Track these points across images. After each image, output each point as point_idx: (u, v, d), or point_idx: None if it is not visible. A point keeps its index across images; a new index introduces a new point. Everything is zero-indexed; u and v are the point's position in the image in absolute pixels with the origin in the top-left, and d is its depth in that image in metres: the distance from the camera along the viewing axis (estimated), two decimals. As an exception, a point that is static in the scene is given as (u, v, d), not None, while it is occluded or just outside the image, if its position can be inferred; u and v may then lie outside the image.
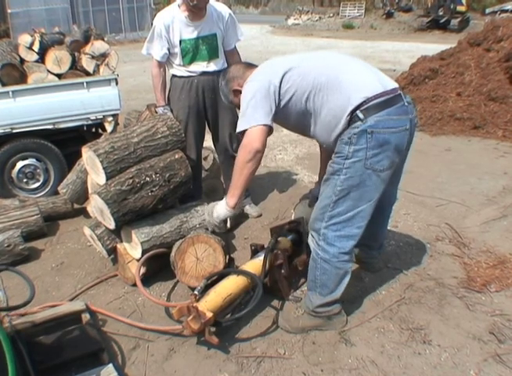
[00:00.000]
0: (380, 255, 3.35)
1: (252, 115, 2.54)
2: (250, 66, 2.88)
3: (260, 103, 2.53)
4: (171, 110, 3.94)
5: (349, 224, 2.57)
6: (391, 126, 2.44)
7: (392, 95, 2.48)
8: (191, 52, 3.84)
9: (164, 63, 3.97)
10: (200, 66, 3.90)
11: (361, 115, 2.40)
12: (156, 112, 3.94)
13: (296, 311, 2.99)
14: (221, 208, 2.79)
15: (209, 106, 4.00)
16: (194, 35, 3.80)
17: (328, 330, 2.80)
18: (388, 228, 3.86)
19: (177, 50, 3.83)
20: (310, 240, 2.74)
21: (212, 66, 3.92)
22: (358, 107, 2.41)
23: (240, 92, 2.73)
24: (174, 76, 4.00)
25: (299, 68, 2.59)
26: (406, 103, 2.53)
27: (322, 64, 2.61)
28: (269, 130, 2.56)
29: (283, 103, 2.58)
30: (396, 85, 2.57)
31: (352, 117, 2.43)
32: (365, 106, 2.41)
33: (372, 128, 2.40)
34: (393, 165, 2.56)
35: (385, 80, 2.58)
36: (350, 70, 2.58)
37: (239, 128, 2.61)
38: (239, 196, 2.71)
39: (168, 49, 3.86)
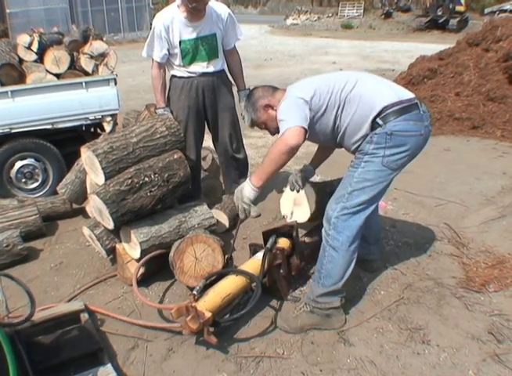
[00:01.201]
0: (378, 253, 3.37)
1: (290, 120, 2.68)
2: (276, 88, 3.06)
3: (296, 111, 2.72)
4: (171, 112, 3.93)
5: (358, 215, 2.77)
6: (408, 130, 2.69)
7: (408, 104, 2.72)
8: (191, 53, 3.84)
9: (164, 64, 3.96)
10: (199, 67, 3.90)
11: (380, 122, 2.67)
12: (156, 113, 3.94)
13: (294, 311, 2.98)
14: (247, 190, 2.86)
15: (209, 107, 4.00)
16: (194, 36, 3.80)
17: (327, 330, 2.81)
18: (387, 228, 3.89)
19: (177, 51, 3.83)
20: (323, 231, 2.86)
21: (212, 67, 3.93)
22: (377, 115, 2.67)
23: (271, 106, 2.93)
24: (173, 76, 4.00)
25: (326, 87, 2.80)
26: (422, 112, 2.76)
27: (344, 81, 2.81)
28: (305, 133, 2.68)
29: (315, 119, 2.79)
30: (412, 96, 2.81)
31: (373, 125, 2.69)
32: (384, 113, 2.67)
33: (391, 131, 2.65)
34: (404, 166, 2.81)
35: (401, 91, 2.84)
36: (369, 84, 2.83)
37: (279, 134, 2.73)
38: (266, 179, 2.81)
39: (168, 50, 3.85)
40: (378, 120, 2.66)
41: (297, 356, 2.66)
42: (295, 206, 3.42)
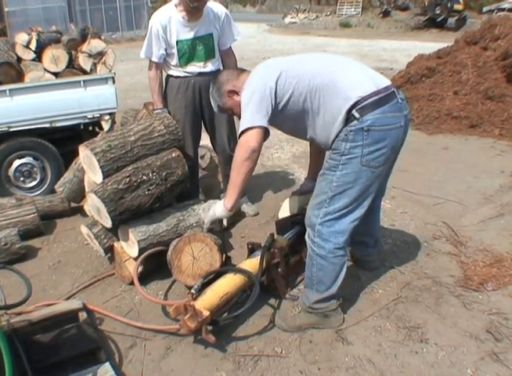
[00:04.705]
0: (376, 254, 3.35)
1: (249, 118, 2.58)
2: (243, 70, 2.94)
3: (256, 105, 2.57)
4: (169, 113, 3.92)
5: (343, 219, 2.61)
6: (386, 123, 2.48)
7: (386, 93, 2.51)
8: (187, 53, 3.82)
9: (161, 65, 3.95)
10: (196, 67, 3.88)
11: (357, 114, 2.44)
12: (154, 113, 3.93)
13: (293, 310, 2.99)
14: (218, 208, 2.81)
15: (205, 106, 3.99)
16: (191, 36, 3.78)
17: (325, 329, 2.81)
18: (385, 226, 3.89)
19: (174, 51, 3.81)
20: (306, 237, 2.75)
21: (209, 67, 3.91)
22: (353, 107, 2.45)
23: (235, 92, 2.79)
24: (170, 76, 3.98)
25: (294, 70, 2.62)
26: (400, 100, 2.57)
27: (316, 66, 2.65)
28: (265, 132, 2.60)
29: (280, 106, 2.61)
30: (388, 83, 2.60)
31: (349, 117, 2.47)
32: (361, 105, 2.44)
33: (368, 126, 2.44)
34: (388, 161, 2.61)
35: (378, 78, 2.62)
36: (344, 70, 2.62)
37: (239, 132, 2.64)
38: (237, 197, 2.72)
39: (165, 50, 3.84)
40: (354, 112, 2.44)
41: (295, 354, 2.66)
42: None
